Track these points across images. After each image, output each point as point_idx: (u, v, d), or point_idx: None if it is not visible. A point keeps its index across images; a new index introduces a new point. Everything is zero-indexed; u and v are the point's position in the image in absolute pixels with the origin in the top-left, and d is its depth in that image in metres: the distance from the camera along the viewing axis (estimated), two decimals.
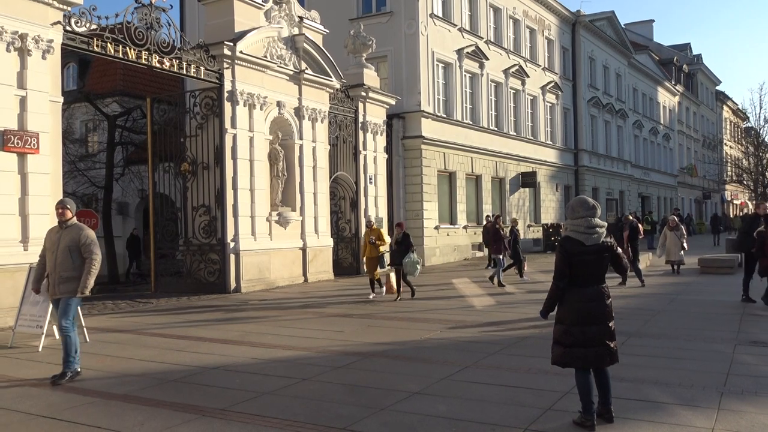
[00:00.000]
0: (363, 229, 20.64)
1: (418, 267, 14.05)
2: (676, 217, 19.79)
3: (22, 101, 11.47)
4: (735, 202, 74.75)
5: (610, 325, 5.40)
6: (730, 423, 5.51)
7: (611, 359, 5.40)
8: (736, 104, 71.20)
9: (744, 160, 60.68)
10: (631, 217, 18.39)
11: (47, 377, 7.23)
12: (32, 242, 11.31)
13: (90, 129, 26.96)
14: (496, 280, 16.20)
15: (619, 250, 5.61)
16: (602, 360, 5.36)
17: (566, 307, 5.39)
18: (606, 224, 5.59)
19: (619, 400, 5.78)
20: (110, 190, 21.84)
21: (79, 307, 9.49)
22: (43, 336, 9.04)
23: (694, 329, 10.04)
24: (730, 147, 69.73)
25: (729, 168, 65.00)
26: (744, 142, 61.79)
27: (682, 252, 18.34)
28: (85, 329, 9.51)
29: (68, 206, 7.47)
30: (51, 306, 9.13)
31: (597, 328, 5.33)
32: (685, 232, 18.95)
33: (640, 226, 17.70)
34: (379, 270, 14.61)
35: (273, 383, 7.00)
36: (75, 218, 7.53)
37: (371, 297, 14.25)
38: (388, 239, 15.23)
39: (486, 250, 22.08)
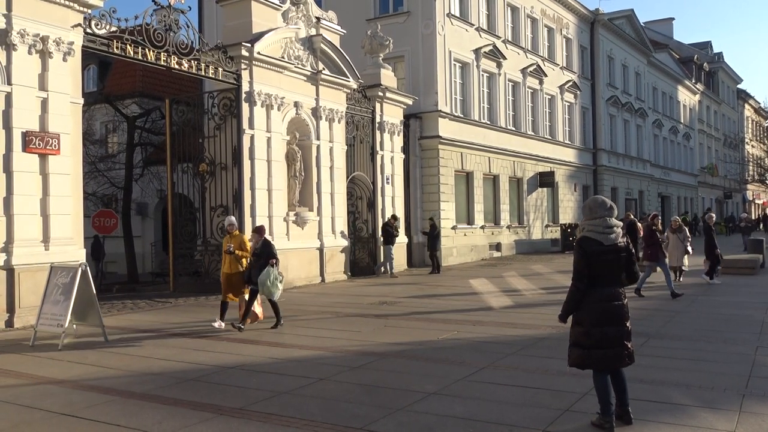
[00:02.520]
0: (379, 230, 20.69)
1: (280, 286, 10.40)
2: (679, 218, 18.10)
3: (44, 103, 11.61)
4: (757, 201, 73.75)
5: (627, 325, 5.39)
6: (752, 426, 5.44)
7: (629, 360, 5.38)
8: (758, 103, 70.25)
9: (766, 159, 59.87)
10: (632, 216, 17.76)
11: (68, 376, 7.30)
12: (53, 242, 11.50)
13: (110, 130, 27.25)
14: (672, 289, 13.69)
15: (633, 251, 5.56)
16: (621, 361, 5.34)
17: (585, 309, 5.36)
18: (622, 224, 5.57)
19: (638, 402, 5.73)
20: (130, 190, 22.06)
21: (98, 306, 9.64)
22: (64, 335, 9.14)
23: (715, 331, 9.92)
24: (752, 146, 68.80)
25: (751, 167, 64.13)
26: (766, 141, 60.96)
27: (685, 257, 16.57)
28: (104, 328, 9.61)
29: None
30: (72, 305, 9.27)
31: (616, 329, 5.31)
32: (689, 234, 17.22)
33: (639, 224, 16.87)
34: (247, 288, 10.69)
35: (290, 383, 7.03)
36: None
37: (216, 325, 10.36)
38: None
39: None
